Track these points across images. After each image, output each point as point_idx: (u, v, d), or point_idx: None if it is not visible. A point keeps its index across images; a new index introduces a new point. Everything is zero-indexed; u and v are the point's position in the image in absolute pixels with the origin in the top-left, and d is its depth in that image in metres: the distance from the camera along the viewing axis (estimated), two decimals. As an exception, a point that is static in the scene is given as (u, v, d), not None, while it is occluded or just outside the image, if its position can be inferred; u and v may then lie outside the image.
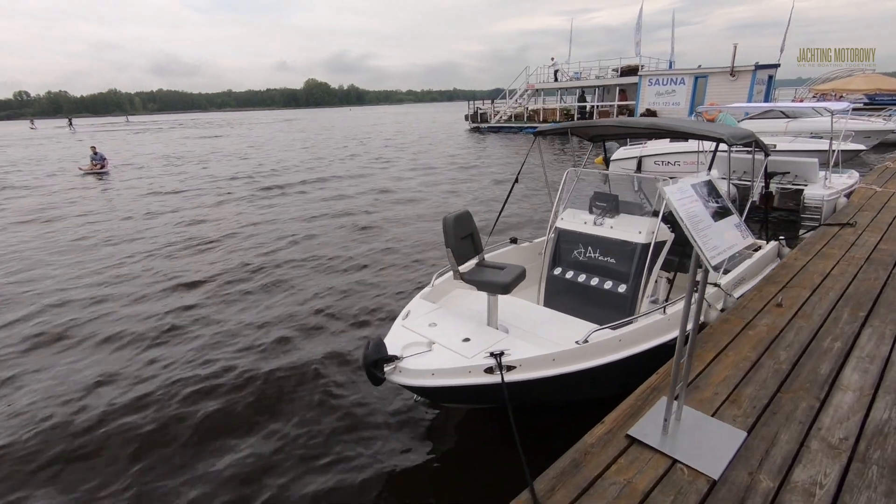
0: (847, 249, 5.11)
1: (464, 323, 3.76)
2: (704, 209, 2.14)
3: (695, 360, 3.12)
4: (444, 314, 3.92)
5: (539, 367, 3.18)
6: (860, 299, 3.89)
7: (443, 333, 3.59)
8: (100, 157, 19.57)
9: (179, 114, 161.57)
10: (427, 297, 4.24)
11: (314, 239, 9.06)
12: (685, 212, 2.01)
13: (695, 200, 2.12)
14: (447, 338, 3.52)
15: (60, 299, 6.47)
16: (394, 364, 3.17)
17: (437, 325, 3.72)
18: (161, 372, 4.63)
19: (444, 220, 3.83)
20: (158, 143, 35.40)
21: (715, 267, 1.95)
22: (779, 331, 3.46)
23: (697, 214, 2.07)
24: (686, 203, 2.06)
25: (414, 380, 3.12)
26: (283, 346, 5.09)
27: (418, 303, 4.13)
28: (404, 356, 3.26)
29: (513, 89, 33.88)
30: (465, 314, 3.99)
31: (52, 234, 9.96)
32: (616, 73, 29.19)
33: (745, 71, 23.06)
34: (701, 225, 2.04)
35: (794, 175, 9.16)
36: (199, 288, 6.74)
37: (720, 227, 2.15)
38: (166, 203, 12.64)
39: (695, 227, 2.00)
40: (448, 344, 3.44)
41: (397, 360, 3.19)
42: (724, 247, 2.07)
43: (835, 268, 4.57)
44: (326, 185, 14.94)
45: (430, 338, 3.52)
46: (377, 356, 3.06)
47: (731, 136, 4.35)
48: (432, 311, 3.97)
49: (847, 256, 4.89)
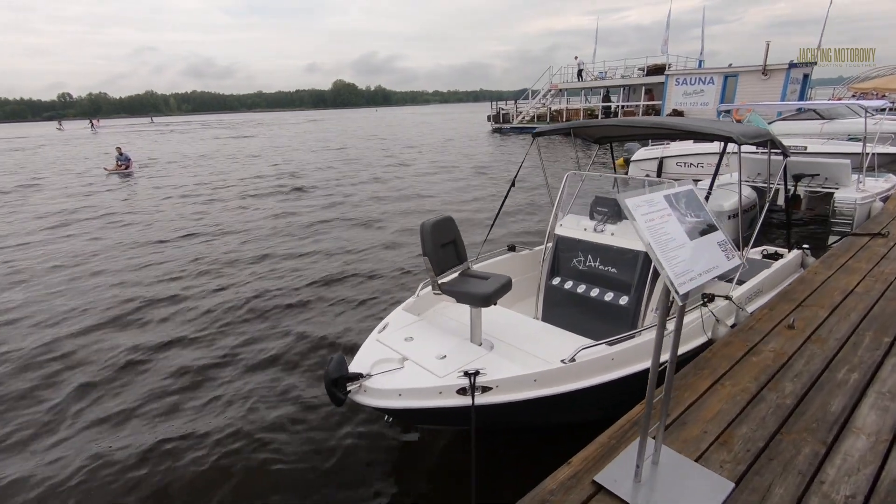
0: (876, 263, 4.62)
1: (443, 338, 3.48)
2: (680, 225, 1.82)
3: (685, 390, 2.77)
4: (425, 328, 3.65)
5: (518, 388, 2.89)
6: (885, 322, 3.45)
7: (418, 349, 3.33)
8: (125, 158, 19.97)
9: (210, 115, 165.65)
10: (410, 308, 3.98)
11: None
12: (651, 229, 1.69)
13: (667, 215, 1.79)
14: (422, 354, 3.26)
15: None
16: (358, 382, 2.92)
17: (414, 340, 3.46)
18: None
19: (421, 226, 3.57)
20: (182, 144, 36.14)
21: (683, 296, 1.63)
22: (787, 357, 3.07)
23: (669, 232, 1.74)
24: (654, 219, 1.74)
25: (379, 400, 2.87)
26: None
27: (398, 314, 3.88)
28: (372, 374, 3.01)
29: (536, 89, 33.35)
30: (448, 328, 3.72)
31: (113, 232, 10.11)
32: (642, 72, 28.37)
33: (778, 69, 22.06)
34: (672, 244, 1.72)
35: (824, 177, 8.57)
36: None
37: (699, 246, 1.82)
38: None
39: (663, 247, 1.68)
40: (422, 361, 3.17)
41: (362, 379, 2.94)
42: (699, 270, 1.74)
43: (859, 284, 4.11)
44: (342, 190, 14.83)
45: (403, 354, 3.26)
46: (338, 374, 2.81)
47: (742, 134, 3.97)
48: (412, 323, 3.71)
49: (875, 271, 4.42)
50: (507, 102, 36.96)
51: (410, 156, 22.51)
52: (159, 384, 4.42)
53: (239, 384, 4.37)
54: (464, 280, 3.64)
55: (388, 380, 2.97)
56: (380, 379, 2.97)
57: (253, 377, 4.48)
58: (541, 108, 32.48)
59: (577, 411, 3.21)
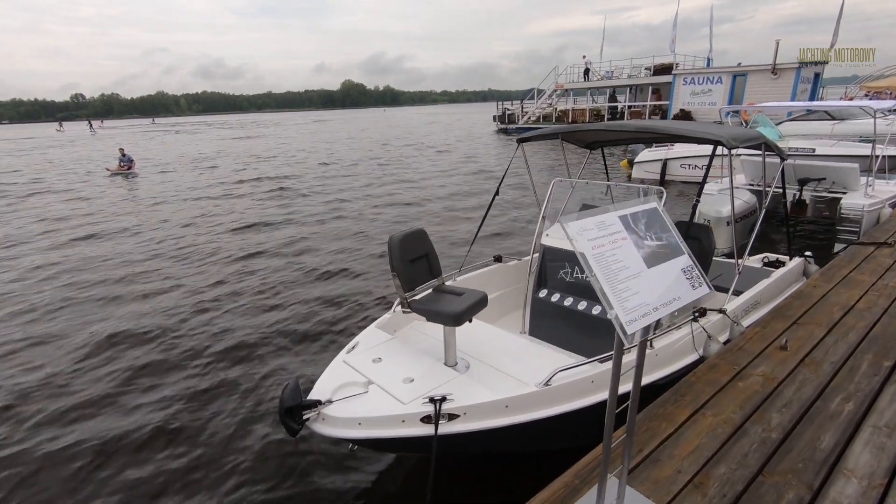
0: (880, 276, 4.35)
1: (414, 359, 3.27)
2: (636, 250, 1.60)
3: (662, 420, 2.55)
4: (396, 347, 3.44)
5: (487, 415, 2.69)
6: (886, 343, 3.19)
7: (385, 372, 3.12)
8: (127, 159, 19.99)
9: (218, 116, 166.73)
10: (384, 325, 3.78)
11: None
12: (598, 257, 1.48)
13: (621, 239, 1.58)
14: (388, 377, 3.05)
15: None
16: (316, 410, 2.72)
17: (383, 361, 3.25)
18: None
19: (389, 239, 3.37)
20: (185, 146, 36.20)
21: (632, 336, 1.42)
22: (776, 383, 2.83)
23: (621, 259, 1.53)
24: (605, 244, 1.52)
25: (337, 430, 2.67)
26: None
27: (371, 333, 3.67)
28: (333, 399, 2.81)
29: (541, 89, 33.03)
30: (422, 348, 3.51)
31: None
32: (649, 71, 27.96)
33: (788, 69, 21.60)
34: (624, 274, 1.50)
35: (831, 181, 8.26)
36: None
37: (658, 274, 1.60)
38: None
39: (612, 278, 1.47)
40: (387, 385, 2.96)
41: (321, 406, 2.74)
42: (656, 303, 1.52)
43: (861, 300, 3.85)
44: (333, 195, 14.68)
45: (369, 377, 3.05)
46: (292, 403, 2.59)
47: (732, 138, 3.75)
48: (384, 342, 3.50)
49: (879, 285, 4.15)
50: (512, 103, 36.66)
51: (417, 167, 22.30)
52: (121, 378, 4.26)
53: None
54: (437, 297, 3.43)
55: (349, 407, 2.77)
56: (340, 406, 2.77)
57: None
58: (546, 109, 32.15)
59: (554, 439, 3.00)
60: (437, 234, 9.21)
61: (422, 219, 10.65)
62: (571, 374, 2.81)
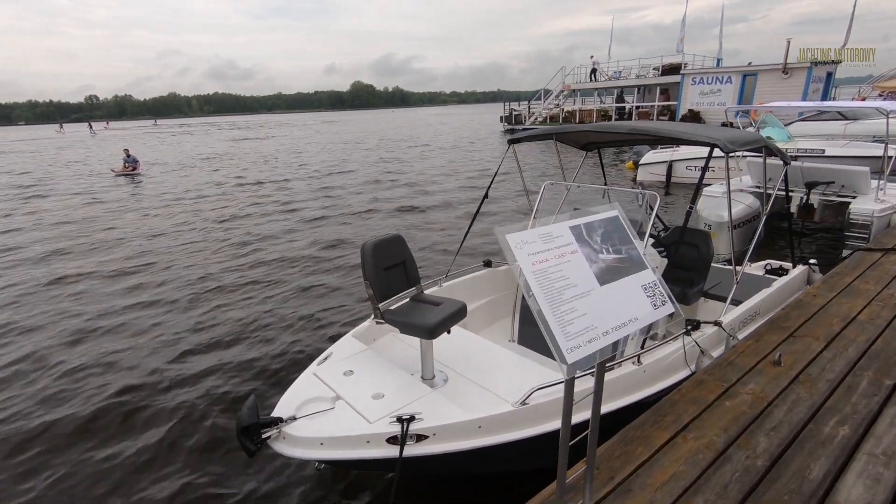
0: (886, 285, 4.11)
1: (388, 372, 3.10)
2: (588, 264, 1.42)
3: (639, 444, 2.36)
4: (370, 359, 3.28)
5: (459, 436, 2.52)
6: (889, 360, 2.97)
7: (355, 386, 2.96)
8: (132, 160, 20.05)
9: (227, 116, 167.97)
10: (360, 335, 3.61)
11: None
12: (539, 273, 1.31)
13: (570, 253, 1.40)
14: (357, 393, 2.89)
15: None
16: (277, 428, 2.57)
17: (354, 374, 3.08)
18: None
19: (362, 247, 3.21)
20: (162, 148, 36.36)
21: (571, 366, 1.24)
22: (766, 403, 2.63)
23: (568, 276, 1.35)
24: (548, 259, 1.35)
25: (298, 450, 2.51)
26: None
27: (346, 342, 3.51)
28: (298, 416, 2.66)
29: (548, 90, 32.76)
30: (398, 359, 3.35)
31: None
32: (657, 72, 27.59)
33: (799, 68, 21.16)
34: (570, 293, 1.33)
35: (840, 185, 7.97)
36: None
37: (612, 292, 1.42)
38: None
39: (553, 297, 1.29)
40: (355, 401, 2.80)
41: (282, 424, 2.59)
42: (607, 326, 1.35)
43: (863, 311, 3.62)
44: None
45: (337, 391, 2.89)
46: (249, 421, 2.42)
47: (729, 140, 3.54)
48: (358, 353, 3.34)
49: (884, 295, 3.91)
50: (519, 103, 36.41)
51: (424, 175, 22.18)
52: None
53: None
54: (413, 307, 3.27)
55: (313, 424, 2.61)
56: (303, 423, 2.61)
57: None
58: (553, 109, 31.88)
59: (531, 460, 2.82)
60: (430, 239, 9.05)
61: (417, 222, 10.50)
62: (551, 392, 2.63)
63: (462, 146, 27.43)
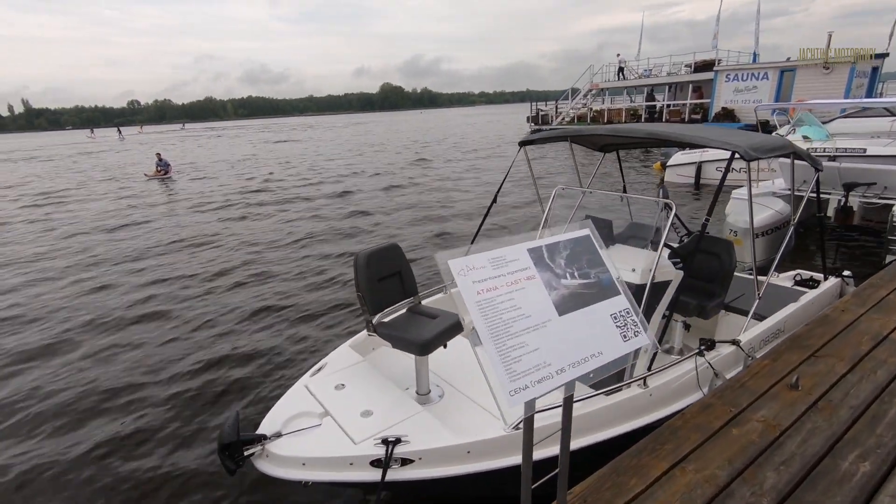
0: (925, 299, 3.77)
1: (380, 387, 3.00)
2: (547, 292, 1.28)
3: (632, 475, 2.18)
4: (364, 372, 3.18)
5: (446, 461, 2.40)
6: (923, 386, 2.69)
7: (344, 401, 2.87)
8: (164, 164, 20.64)
9: (259, 119, 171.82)
10: (357, 345, 3.53)
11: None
12: (483, 304, 1.17)
13: (525, 279, 1.26)
14: (346, 409, 2.79)
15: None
16: (261, 445, 2.51)
17: (346, 388, 3.00)
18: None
19: (355, 257, 3.12)
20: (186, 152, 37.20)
21: (516, 424, 1.10)
22: (779, 432, 2.40)
23: (520, 306, 1.22)
24: (497, 287, 1.21)
25: (280, 469, 2.44)
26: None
27: (341, 353, 3.43)
28: (283, 433, 2.59)
29: (576, 89, 32.20)
30: (392, 373, 3.25)
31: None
32: (689, 69, 26.74)
33: (842, 63, 20.14)
34: (519, 326, 1.19)
35: (882, 186, 7.49)
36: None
37: (573, 323, 1.28)
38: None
39: (498, 329, 1.16)
40: (342, 419, 2.71)
41: (266, 441, 2.52)
42: (561, 363, 1.20)
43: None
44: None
45: (326, 406, 2.81)
46: (229, 439, 2.36)
47: (751, 147, 3.31)
48: (352, 365, 3.26)
49: (922, 310, 3.58)
50: (546, 103, 35.93)
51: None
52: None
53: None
54: (408, 320, 3.16)
55: (297, 443, 2.54)
56: (287, 441, 2.54)
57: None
58: (581, 109, 31.32)
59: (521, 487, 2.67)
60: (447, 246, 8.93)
61: (441, 227, 10.40)
62: (547, 416, 2.47)
63: (485, 149, 27.20)
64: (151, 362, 4.96)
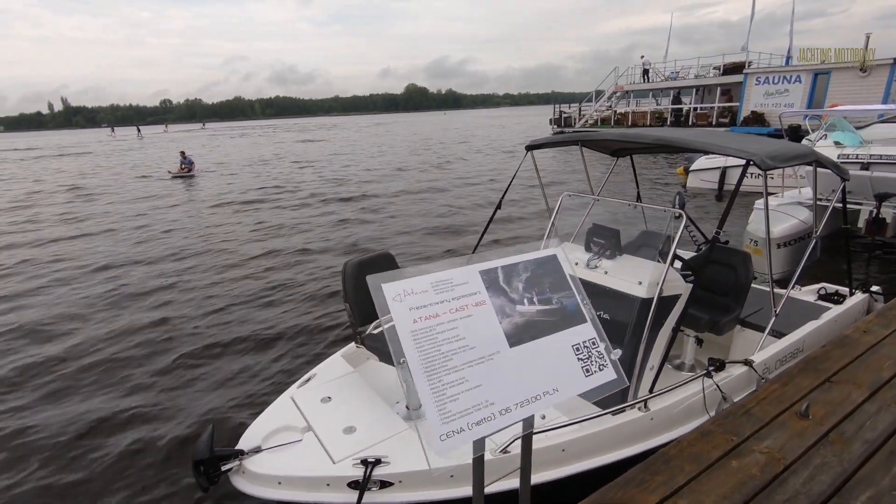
0: (957, 321, 3.49)
1: (367, 401, 2.89)
2: (496, 319, 1.15)
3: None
4: (352, 384, 3.07)
5: (427, 485, 2.29)
6: (948, 419, 2.46)
7: (328, 416, 2.76)
8: (188, 161, 21.04)
9: (288, 118, 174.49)
10: (348, 356, 3.41)
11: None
12: (418, 334, 1.06)
13: (474, 305, 1.14)
14: (329, 424, 2.69)
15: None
16: (238, 461, 2.43)
17: (331, 402, 2.89)
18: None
19: (344, 266, 3.03)
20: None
21: (439, 471, 0.99)
22: (784, 466, 2.21)
23: (462, 336, 1.10)
24: (438, 314, 1.10)
25: (255, 487, 2.36)
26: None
27: (332, 363, 3.32)
28: (263, 448, 2.51)
29: (600, 91, 31.71)
30: (382, 386, 3.13)
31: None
32: (718, 71, 26.05)
33: (880, 65, 19.30)
34: (460, 358, 1.07)
35: None
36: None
37: (527, 355, 1.15)
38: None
39: (433, 363, 1.04)
40: (324, 435, 2.60)
41: (243, 457, 2.44)
42: (506, 402, 1.07)
43: (924, 354, 3.06)
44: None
45: (309, 421, 2.71)
46: (202, 456, 2.28)
47: (768, 156, 3.11)
48: (341, 377, 3.15)
49: (953, 334, 3.31)
50: (570, 105, 35.49)
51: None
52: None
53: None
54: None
55: (275, 459, 2.44)
56: (266, 457, 2.45)
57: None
58: (605, 112, 30.84)
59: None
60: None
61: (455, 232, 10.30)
62: (539, 440, 2.33)
63: (503, 152, 26.96)
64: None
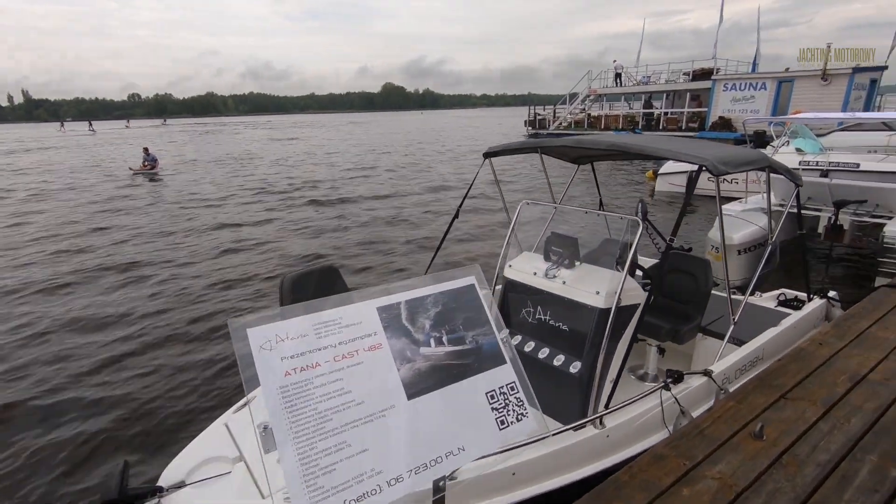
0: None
1: None
2: (394, 365, 0.98)
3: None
4: None
5: None
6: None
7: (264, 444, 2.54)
8: (151, 158, 20.33)
9: (261, 116, 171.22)
10: None
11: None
12: (287, 388, 0.88)
13: (367, 348, 0.97)
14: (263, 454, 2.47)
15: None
16: (157, 498, 2.20)
17: (270, 427, 2.66)
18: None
19: (281, 282, 2.82)
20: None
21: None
22: (736, 493, 2.11)
23: (348, 387, 0.93)
24: (316, 360, 0.92)
25: None
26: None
27: None
28: (187, 482, 2.28)
29: (574, 93, 31.98)
30: None
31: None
32: (688, 76, 26.54)
33: (840, 74, 19.93)
34: (343, 417, 0.90)
35: (873, 204, 7.24)
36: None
37: (432, 406, 0.98)
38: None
39: (309, 426, 0.87)
40: (256, 465, 2.38)
41: (161, 495, 2.21)
42: (397, 470, 0.91)
43: (878, 367, 3.02)
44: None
45: (242, 450, 2.49)
46: (110, 496, 2.04)
47: (720, 161, 3.06)
48: None
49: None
50: (545, 107, 35.70)
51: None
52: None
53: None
54: None
55: (200, 495, 2.22)
56: (188, 494, 2.23)
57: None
58: (578, 115, 31.10)
59: None
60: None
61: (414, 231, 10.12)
62: (484, 465, 2.16)
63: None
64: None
